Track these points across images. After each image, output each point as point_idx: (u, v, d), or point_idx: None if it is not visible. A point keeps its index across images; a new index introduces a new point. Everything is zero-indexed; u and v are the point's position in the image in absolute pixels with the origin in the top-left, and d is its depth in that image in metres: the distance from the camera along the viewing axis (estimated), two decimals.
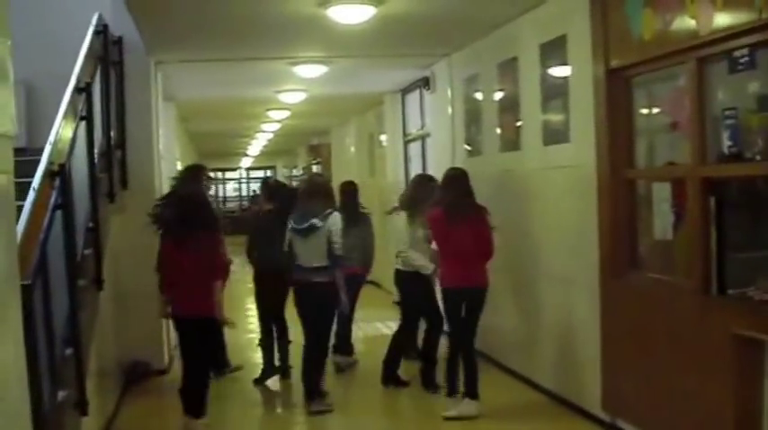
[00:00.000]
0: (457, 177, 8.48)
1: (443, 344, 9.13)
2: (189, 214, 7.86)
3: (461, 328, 8.31)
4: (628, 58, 6.89)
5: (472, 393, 8.17)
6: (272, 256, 9.44)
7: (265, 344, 10.04)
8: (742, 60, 5.51)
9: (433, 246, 8.68)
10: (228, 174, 47.44)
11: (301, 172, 33.27)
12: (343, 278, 8.63)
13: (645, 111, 7.27)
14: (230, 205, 43.89)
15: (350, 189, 10.71)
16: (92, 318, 6.75)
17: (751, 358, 5.57)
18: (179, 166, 15.67)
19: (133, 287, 9.72)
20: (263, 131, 25.21)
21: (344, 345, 10.53)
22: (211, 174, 10.48)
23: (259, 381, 9.92)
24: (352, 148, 20.97)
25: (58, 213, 5.52)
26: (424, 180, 9.52)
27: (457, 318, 8.34)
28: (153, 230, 8.01)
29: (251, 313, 14.98)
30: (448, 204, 8.31)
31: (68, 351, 5.63)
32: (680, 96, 6.39)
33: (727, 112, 5.78)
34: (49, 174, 5.49)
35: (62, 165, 5.64)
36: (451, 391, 8.34)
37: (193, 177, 9.53)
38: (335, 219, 8.56)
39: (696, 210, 6.09)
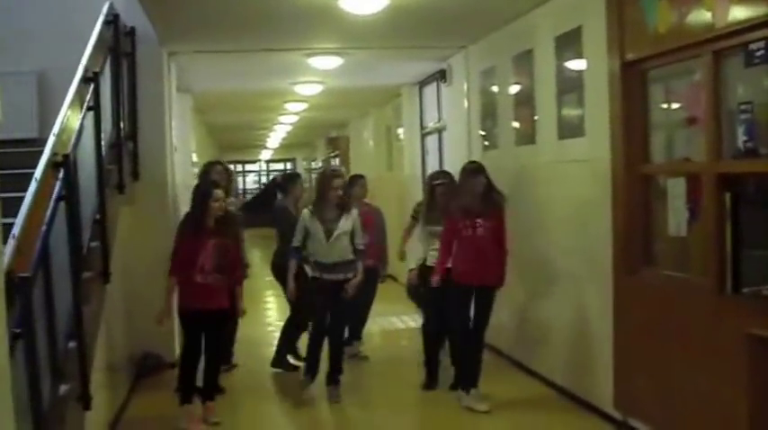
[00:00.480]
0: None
1: None
2: None
3: None
4: (643, 50, 6.77)
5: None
6: None
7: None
8: (758, 54, 5.38)
9: None
10: (248, 167, 47.51)
11: (320, 164, 33.24)
12: (293, 268, 8.95)
13: (661, 105, 7.15)
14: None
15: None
16: (97, 311, 6.69)
17: (765, 358, 5.46)
18: (195, 158, 15.66)
19: (144, 279, 9.67)
20: (282, 124, 25.19)
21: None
22: (228, 167, 10.34)
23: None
24: (371, 141, 20.90)
25: (62, 205, 5.46)
26: (429, 182, 9.44)
27: None
28: None
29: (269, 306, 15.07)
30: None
31: (72, 344, 5.57)
32: (696, 91, 6.28)
33: (742, 107, 5.66)
34: (53, 165, 5.43)
35: (66, 156, 5.57)
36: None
37: (204, 174, 9.59)
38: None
39: (711, 207, 5.97)
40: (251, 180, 48.19)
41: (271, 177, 46.85)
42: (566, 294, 8.48)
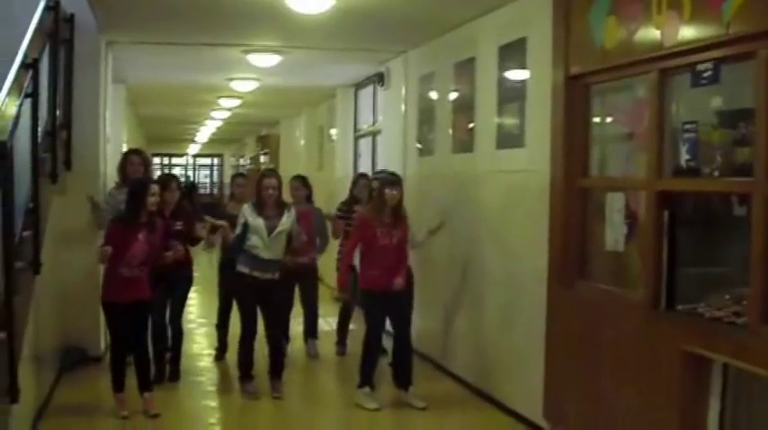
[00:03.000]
0: None
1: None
2: None
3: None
4: (588, 65, 6.80)
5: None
6: None
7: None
8: (705, 74, 5.43)
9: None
10: (175, 160, 47.15)
11: (249, 161, 33.09)
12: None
13: (603, 120, 7.20)
14: None
15: None
16: (27, 303, 6.54)
17: (698, 376, 5.52)
18: (125, 149, 15.46)
19: (72, 270, 9.54)
20: (213, 119, 25.03)
21: None
22: (146, 156, 10.28)
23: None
24: (302, 141, 20.82)
25: None
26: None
27: None
28: None
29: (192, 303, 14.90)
30: None
31: (1, 335, 5.44)
32: (639, 107, 6.33)
33: (686, 126, 5.71)
34: None
35: (3, 144, 5.44)
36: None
37: (122, 162, 9.82)
38: None
39: (649, 223, 6.02)
40: (202, 174, 47.95)
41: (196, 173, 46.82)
42: (499, 304, 8.49)
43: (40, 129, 7.19)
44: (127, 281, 7.90)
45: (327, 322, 12.32)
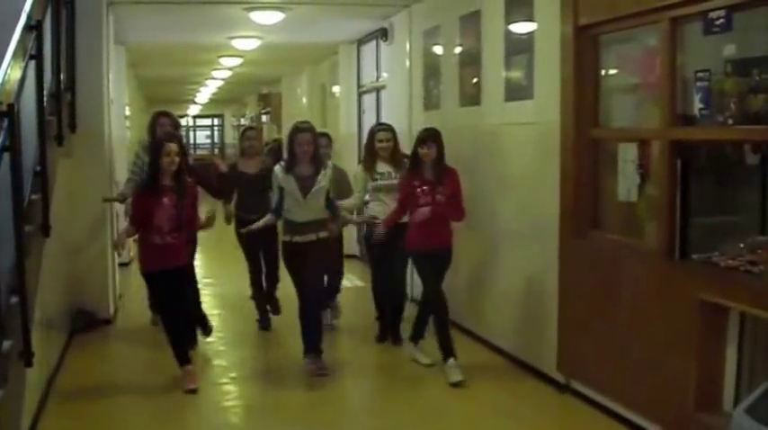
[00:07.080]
0: None
1: None
2: None
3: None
4: (598, 15, 6.73)
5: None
6: None
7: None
8: (718, 22, 5.36)
9: None
10: None
11: (250, 121, 33.04)
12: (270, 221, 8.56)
13: (612, 70, 7.13)
14: None
15: None
16: (37, 266, 6.51)
17: (715, 324, 5.51)
18: (127, 112, 15.41)
19: (80, 233, 9.53)
20: (214, 79, 24.94)
21: None
22: (175, 118, 10.09)
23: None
24: (304, 99, 20.74)
25: (5, 156, 5.29)
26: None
27: None
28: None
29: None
30: None
31: (13, 299, 5.42)
32: (650, 57, 6.27)
33: (699, 74, 5.65)
34: None
35: (10, 106, 5.39)
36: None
37: (151, 125, 9.50)
38: None
39: (662, 173, 5.99)
40: (203, 135, 47.87)
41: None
42: (510, 258, 8.47)
43: (44, 91, 7.13)
44: (161, 248, 7.70)
45: (349, 279, 12.31)
